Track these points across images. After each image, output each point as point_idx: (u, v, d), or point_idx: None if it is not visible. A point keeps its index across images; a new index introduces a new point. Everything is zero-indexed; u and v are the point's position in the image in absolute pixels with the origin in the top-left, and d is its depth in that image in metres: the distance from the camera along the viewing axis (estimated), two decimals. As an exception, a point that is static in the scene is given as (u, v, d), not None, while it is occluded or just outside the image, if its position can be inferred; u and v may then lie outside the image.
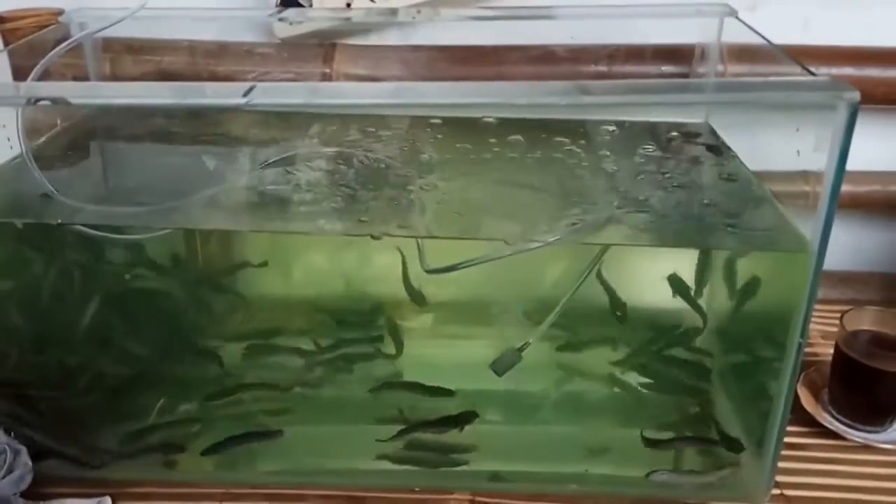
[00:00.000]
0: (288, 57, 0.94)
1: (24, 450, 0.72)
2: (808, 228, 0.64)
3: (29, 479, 0.72)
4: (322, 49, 0.94)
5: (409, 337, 0.81)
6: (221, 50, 0.94)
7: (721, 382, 0.81)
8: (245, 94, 0.60)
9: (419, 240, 0.70)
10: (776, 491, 0.75)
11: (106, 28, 0.87)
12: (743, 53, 0.87)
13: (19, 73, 0.81)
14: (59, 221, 0.70)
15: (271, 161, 0.77)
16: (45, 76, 0.78)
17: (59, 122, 0.88)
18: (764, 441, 0.72)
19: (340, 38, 0.95)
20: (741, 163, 0.80)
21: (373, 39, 0.97)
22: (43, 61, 0.78)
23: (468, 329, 0.78)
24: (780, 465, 0.73)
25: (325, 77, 0.94)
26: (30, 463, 0.72)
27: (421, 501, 0.75)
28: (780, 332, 0.67)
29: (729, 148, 0.83)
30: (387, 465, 0.78)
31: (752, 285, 0.76)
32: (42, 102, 0.63)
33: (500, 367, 0.75)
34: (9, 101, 0.69)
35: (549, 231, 0.69)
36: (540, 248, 0.68)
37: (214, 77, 0.94)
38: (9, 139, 0.77)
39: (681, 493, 0.75)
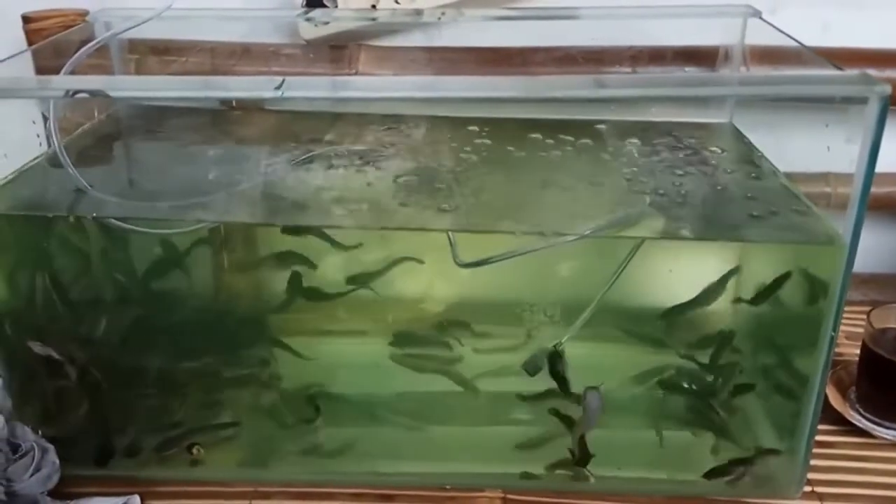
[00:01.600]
0: (313, 58, 0.94)
1: (51, 448, 0.72)
2: (840, 225, 0.64)
3: (56, 477, 0.71)
4: (347, 51, 0.94)
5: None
6: (246, 51, 0.94)
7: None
8: (277, 87, 0.61)
9: (450, 233, 0.70)
10: (808, 488, 0.75)
11: (131, 28, 0.87)
12: (766, 55, 0.87)
13: (43, 74, 0.81)
14: (94, 215, 0.70)
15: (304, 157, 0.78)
16: (70, 77, 0.78)
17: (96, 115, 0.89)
18: (795, 437, 0.72)
19: (365, 39, 0.96)
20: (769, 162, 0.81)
21: (398, 41, 0.97)
22: (71, 60, 0.77)
23: (498, 328, 0.77)
24: (810, 462, 0.73)
25: (350, 79, 0.94)
26: (57, 461, 0.71)
27: (452, 499, 0.75)
28: (812, 327, 0.67)
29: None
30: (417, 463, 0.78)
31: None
32: (80, 95, 0.63)
33: (532, 367, 0.74)
34: (46, 94, 0.70)
35: (584, 225, 0.69)
36: (573, 242, 0.68)
37: (239, 79, 0.94)
38: (38, 136, 0.77)
39: (708, 490, 0.75)
